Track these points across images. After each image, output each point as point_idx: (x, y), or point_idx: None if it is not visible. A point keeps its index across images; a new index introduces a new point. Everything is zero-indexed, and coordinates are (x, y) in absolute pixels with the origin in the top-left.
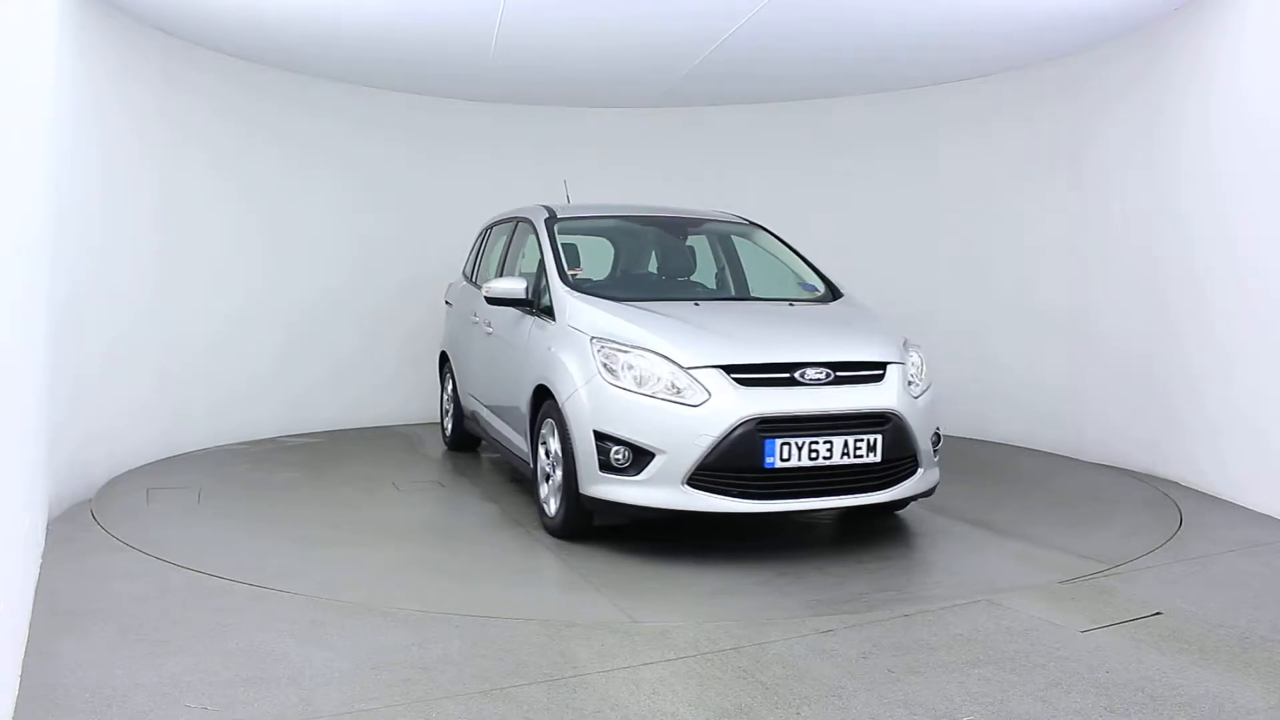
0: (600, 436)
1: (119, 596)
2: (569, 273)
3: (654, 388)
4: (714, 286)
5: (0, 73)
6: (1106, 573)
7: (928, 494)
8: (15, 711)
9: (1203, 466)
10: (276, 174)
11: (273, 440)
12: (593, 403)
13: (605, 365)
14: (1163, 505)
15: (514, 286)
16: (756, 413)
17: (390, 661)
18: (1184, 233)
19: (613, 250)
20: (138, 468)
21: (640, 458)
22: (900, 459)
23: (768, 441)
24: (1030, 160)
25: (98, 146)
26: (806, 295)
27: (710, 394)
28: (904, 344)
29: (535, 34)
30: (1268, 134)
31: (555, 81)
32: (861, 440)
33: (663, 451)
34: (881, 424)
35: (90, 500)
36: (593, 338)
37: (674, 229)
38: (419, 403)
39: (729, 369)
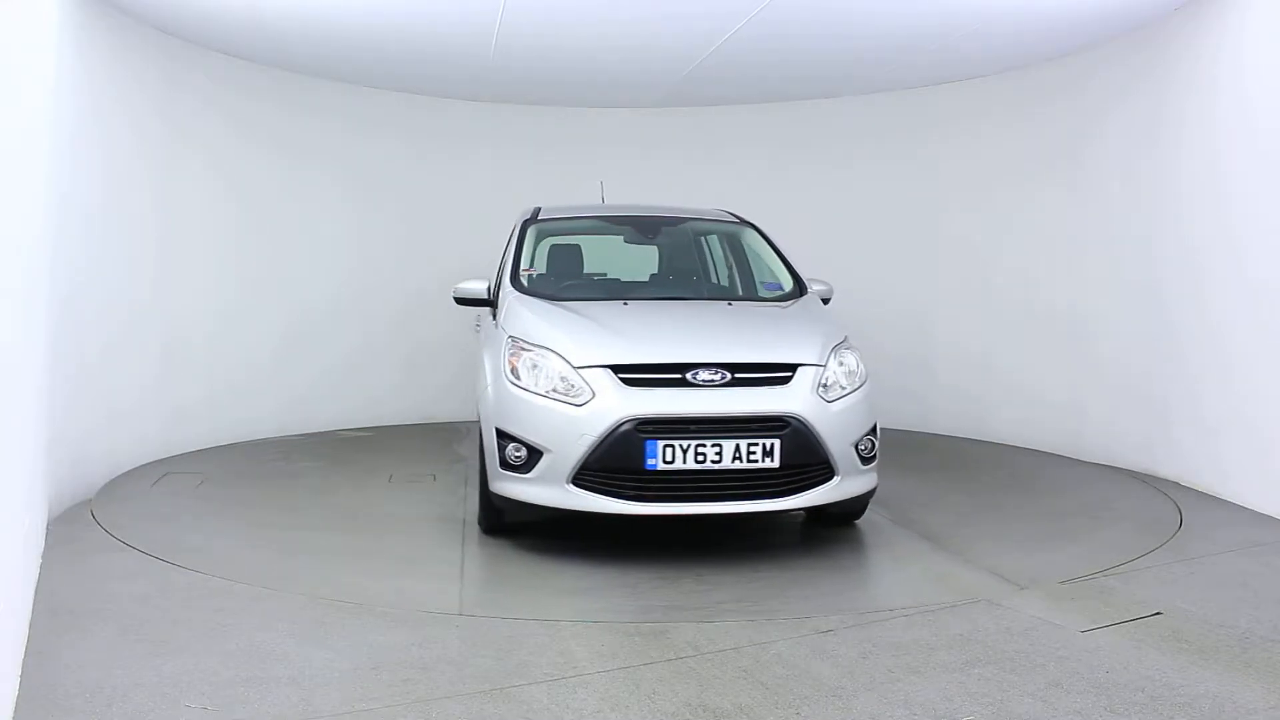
0: (500, 434)
1: (119, 596)
2: (523, 272)
3: (548, 387)
4: (674, 285)
5: (0, 72)
6: (1106, 573)
7: (859, 501)
8: (15, 711)
9: (1202, 467)
10: (275, 173)
11: (273, 440)
12: (496, 401)
13: (511, 364)
14: (1162, 505)
15: (476, 287)
16: (636, 413)
17: (390, 661)
18: (1184, 233)
19: (584, 250)
20: (137, 468)
21: (532, 456)
22: (808, 465)
23: (649, 443)
24: (1030, 160)
25: (97, 146)
26: (765, 295)
27: (594, 394)
28: (835, 346)
29: (535, 34)
30: (1269, 133)
31: (555, 81)
32: (756, 445)
33: (550, 450)
34: (780, 428)
35: (90, 500)
36: (509, 337)
37: (650, 229)
38: (410, 401)
39: (616, 369)
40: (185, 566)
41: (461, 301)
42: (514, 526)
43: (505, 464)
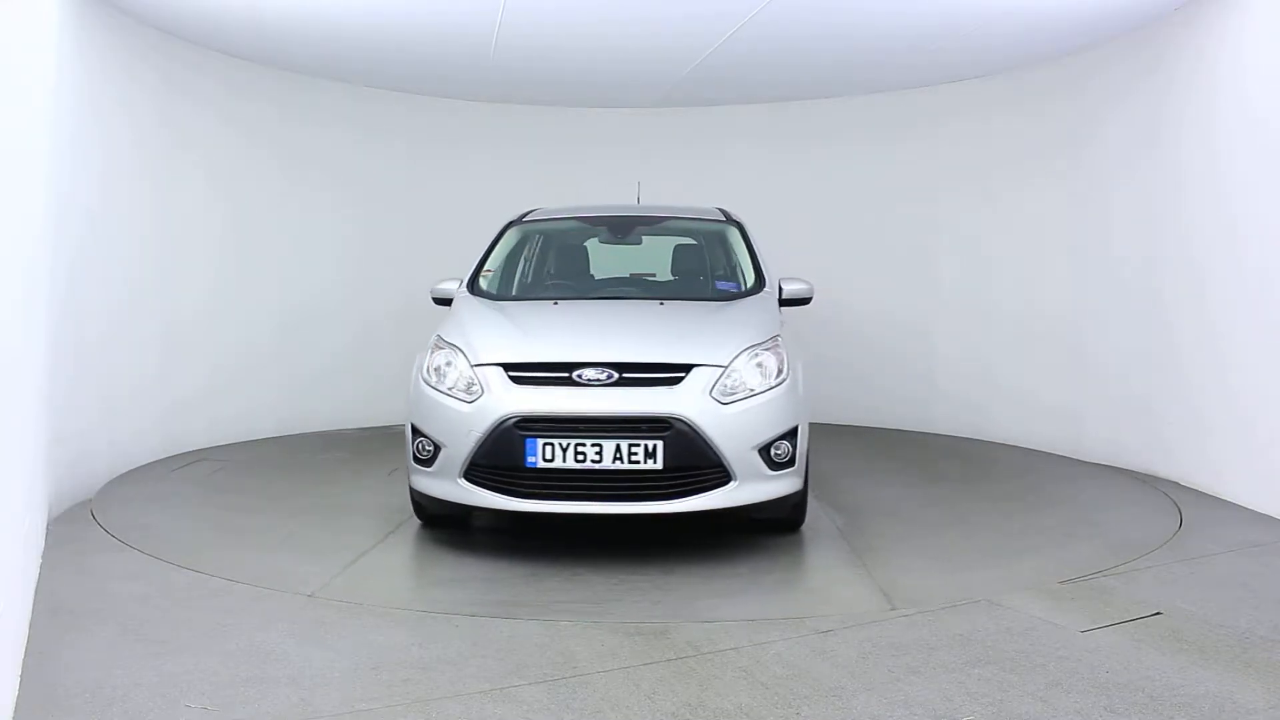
0: (413, 429)
1: (119, 596)
2: (483, 274)
3: (451, 384)
4: (634, 285)
5: (0, 72)
6: (1106, 573)
7: (773, 507)
8: (15, 711)
9: (1202, 467)
10: (274, 172)
11: (274, 439)
12: (414, 398)
13: (429, 362)
14: (1162, 505)
15: (450, 287)
16: (516, 411)
17: (390, 661)
18: (1185, 233)
19: (550, 252)
20: (138, 468)
21: (435, 451)
22: (699, 469)
23: (529, 441)
24: (1031, 160)
25: (97, 146)
26: (717, 293)
27: (485, 391)
28: (753, 346)
29: (535, 34)
30: (1270, 134)
31: (555, 81)
32: (638, 445)
33: (446, 446)
34: (663, 430)
35: (90, 500)
36: (435, 336)
37: (625, 229)
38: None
39: (507, 367)
40: (185, 566)
41: (439, 301)
42: (442, 518)
43: (416, 458)
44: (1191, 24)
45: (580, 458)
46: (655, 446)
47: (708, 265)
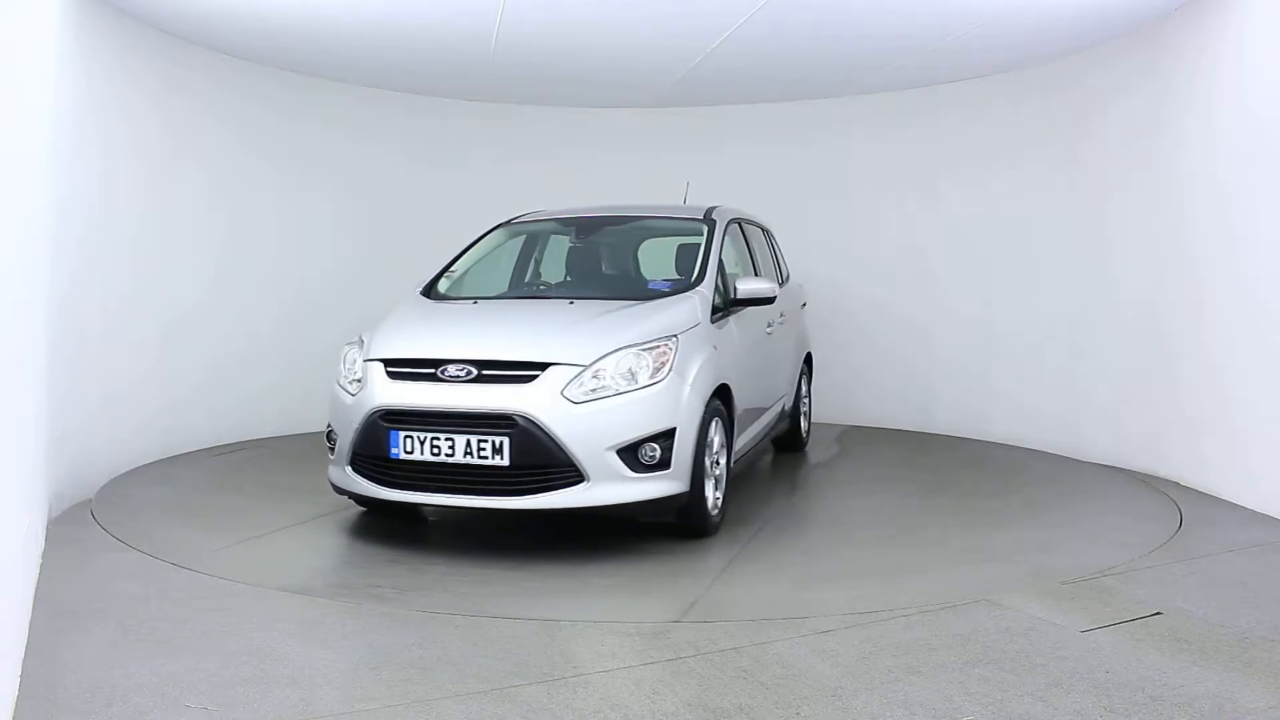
0: (328, 425)
1: (119, 596)
2: (448, 273)
3: (349, 378)
4: (578, 285)
5: (0, 73)
6: (1106, 573)
7: (657, 508)
8: (15, 711)
9: (1202, 466)
10: (274, 172)
11: (274, 439)
12: (331, 395)
13: (341, 356)
14: (1162, 505)
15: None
16: (383, 404)
17: (390, 661)
18: (1184, 233)
19: (521, 254)
20: (138, 468)
21: (335, 441)
22: (550, 467)
23: (392, 433)
24: (1030, 160)
25: (97, 145)
26: (638, 293)
27: (366, 384)
28: (626, 347)
29: (535, 34)
30: (1269, 134)
31: (555, 81)
32: (486, 441)
33: (338, 436)
34: (508, 427)
35: (90, 500)
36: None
37: (593, 230)
38: None
39: (386, 363)
40: (185, 566)
41: None
42: (381, 505)
43: (329, 448)
44: (1191, 24)
45: (435, 451)
46: (502, 443)
47: (636, 264)
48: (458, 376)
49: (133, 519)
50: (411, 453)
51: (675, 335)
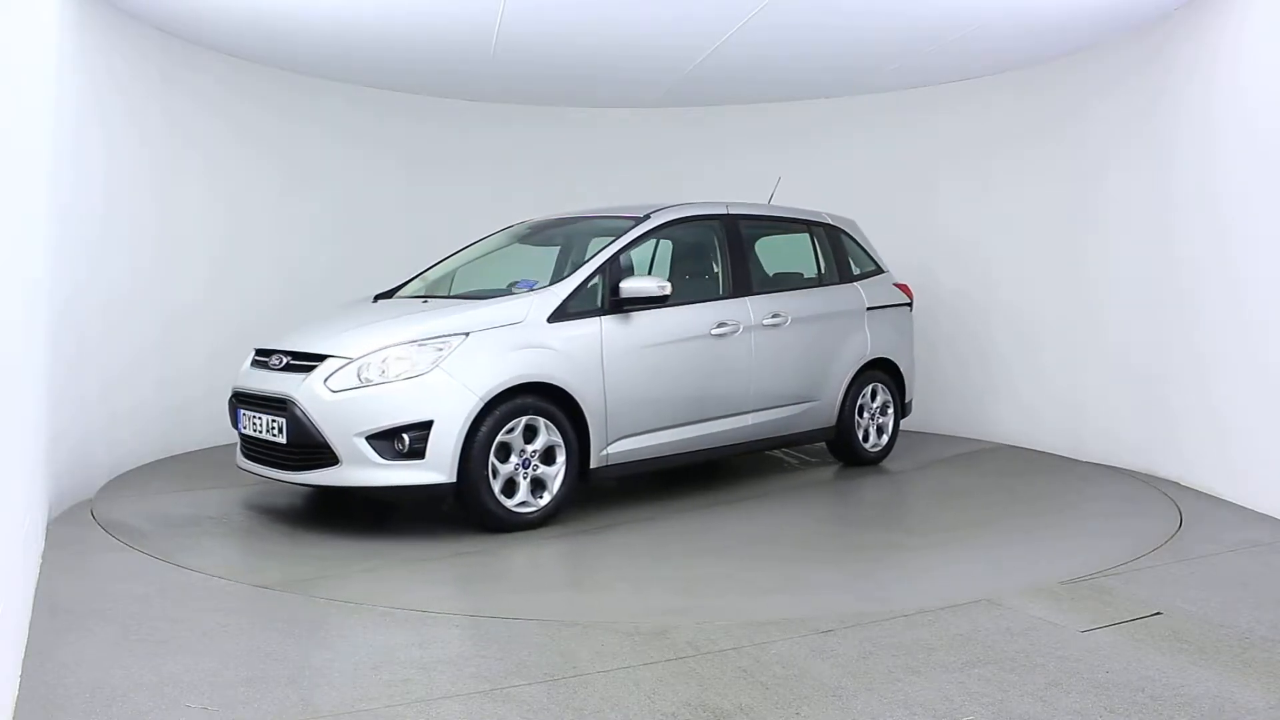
0: None
1: (119, 596)
2: (420, 276)
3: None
4: (475, 287)
5: (0, 72)
6: (1106, 573)
7: (423, 493)
8: (15, 711)
9: (1202, 466)
10: (274, 172)
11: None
12: None
13: None
14: (1162, 505)
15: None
16: (234, 386)
17: (390, 661)
18: (1184, 232)
19: (485, 257)
20: (138, 467)
21: None
22: (312, 447)
23: (238, 411)
24: (1029, 160)
25: (97, 145)
26: (495, 292)
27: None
28: (407, 342)
29: (535, 34)
30: (1269, 134)
31: (556, 81)
32: (276, 421)
33: None
34: (282, 409)
35: (90, 500)
36: None
37: (549, 232)
38: None
39: (256, 353)
40: (185, 566)
41: None
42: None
43: None
44: (1191, 24)
45: (257, 427)
46: (281, 424)
47: (559, 266)
48: (275, 365)
49: (133, 519)
50: (246, 429)
51: (466, 333)
